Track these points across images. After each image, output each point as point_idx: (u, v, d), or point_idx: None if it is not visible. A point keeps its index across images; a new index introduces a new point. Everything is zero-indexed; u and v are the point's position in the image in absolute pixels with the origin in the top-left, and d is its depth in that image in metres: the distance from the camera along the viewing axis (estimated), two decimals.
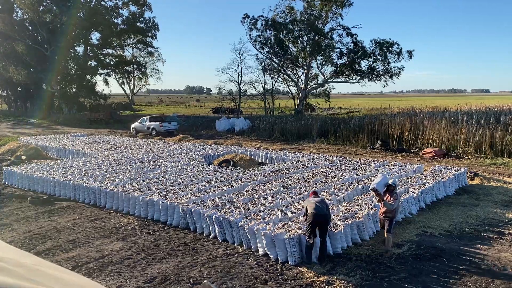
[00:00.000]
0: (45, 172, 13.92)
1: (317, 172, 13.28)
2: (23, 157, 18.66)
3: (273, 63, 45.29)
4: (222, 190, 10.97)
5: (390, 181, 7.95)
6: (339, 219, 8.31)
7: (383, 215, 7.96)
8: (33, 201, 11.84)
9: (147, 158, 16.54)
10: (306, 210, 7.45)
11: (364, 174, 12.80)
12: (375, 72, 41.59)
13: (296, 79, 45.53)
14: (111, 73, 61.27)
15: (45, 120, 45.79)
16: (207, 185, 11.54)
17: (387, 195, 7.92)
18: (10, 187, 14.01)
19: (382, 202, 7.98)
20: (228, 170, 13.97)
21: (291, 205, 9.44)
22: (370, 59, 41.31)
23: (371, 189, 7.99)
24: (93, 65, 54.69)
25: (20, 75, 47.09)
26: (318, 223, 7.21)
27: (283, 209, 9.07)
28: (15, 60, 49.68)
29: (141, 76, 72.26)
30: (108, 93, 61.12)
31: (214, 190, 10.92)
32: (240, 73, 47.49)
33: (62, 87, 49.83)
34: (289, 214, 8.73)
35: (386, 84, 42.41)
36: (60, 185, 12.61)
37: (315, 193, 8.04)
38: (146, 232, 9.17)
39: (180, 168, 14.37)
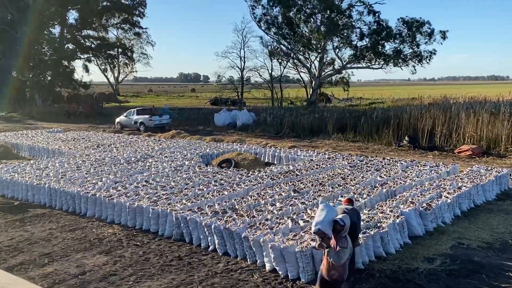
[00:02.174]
0: (15, 174, 14.00)
1: (333, 174, 13.25)
2: None
3: (282, 46, 45.25)
4: (222, 195, 10.98)
5: (339, 216, 6.54)
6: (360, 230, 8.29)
7: (328, 272, 6.29)
8: (2, 208, 11.89)
9: (135, 158, 16.60)
10: None
11: (389, 176, 12.76)
12: (401, 56, 41.40)
13: (308, 65, 45.47)
14: (92, 58, 61.54)
15: (16, 113, 46.03)
16: (204, 189, 11.55)
17: (333, 239, 6.38)
18: None
19: (325, 251, 6.39)
20: (229, 172, 13.98)
21: (303, 212, 9.43)
22: (396, 41, 41.12)
23: (314, 232, 6.51)
24: (70, 48, 54.88)
25: None
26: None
27: (294, 217, 9.06)
28: None
29: (127, 61, 72.75)
30: (88, 82, 61.37)
31: (213, 195, 10.93)
32: (243, 58, 47.33)
33: (35, 74, 50.09)
34: (301, 223, 8.72)
35: (415, 70, 42.26)
36: (34, 189, 12.69)
37: (350, 201, 7.98)
38: (134, 244, 9.21)
39: (173, 169, 14.41)
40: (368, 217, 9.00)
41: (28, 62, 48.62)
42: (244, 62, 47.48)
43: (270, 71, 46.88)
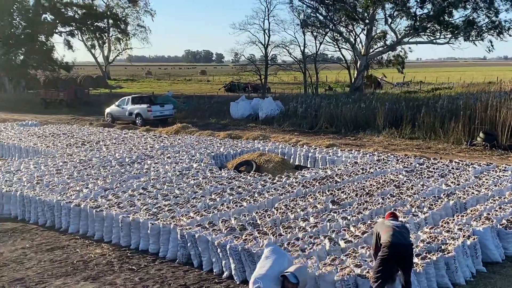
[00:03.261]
0: None
1: (384, 181, 13.16)
2: None
3: (318, 15, 45.04)
4: (240, 206, 11.01)
5: (290, 269, 6.40)
6: (418, 254, 8.23)
7: None
8: None
9: (130, 159, 16.78)
10: (378, 237, 7.38)
11: (458, 185, 12.61)
12: (475, 27, 40.77)
13: (352, 40, 45.14)
14: (76, 32, 62.23)
15: None
16: (218, 200, 11.61)
17: None
18: None
19: None
20: (249, 177, 14.02)
21: (344, 230, 9.41)
22: (467, 7, 40.53)
23: None
24: (49, 19, 55.51)
25: None
26: (397, 257, 7.09)
27: (333, 236, 9.05)
28: None
29: (119, 36, 73.11)
30: (71, 62, 62.19)
31: (228, 207, 10.99)
32: (267, 31, 47.26)
33: (4, 53, 50.87)
34: (342, 244, 8.69)
35: (492, 46, 41.48)
36: (2, 198, 12.93)
37: (394, 215, 7.94)
38: (128, 269, 9.32)
39: (178, 173, 14.52)
40: (430, 237, 8.91)
41: None
42: (269, 37, 47.34)
43: (302, 48, 46.74)
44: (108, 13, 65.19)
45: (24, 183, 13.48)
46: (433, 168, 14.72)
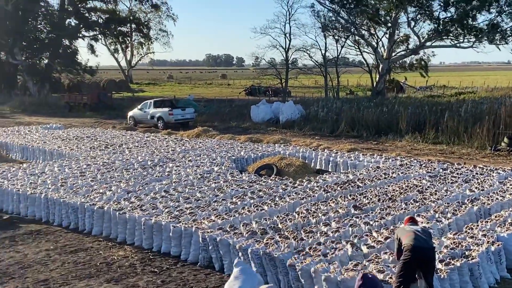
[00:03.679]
0: (5, 181, 14.51)
1: (407, 186, 13.06)
2: None
3: (339, 18, 44.91)
4: (261, 210, 11.01)
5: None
6: (442, 260, 8.16)
7: None
8: None
9: (152, 162, 16.88)
10: (400, 242, 7.33)
11: (482, 190, 12.47)
12: (499, 30, 40.32)
13: (374, 43, 44.95)
14: (99, 36, 62.88)
15: (4, 105, 47.47)
16: (239, 203, 11.62)
17: None
18: None
19: None
20: (270, 181, 14.01)
21: (367, 235, 9.35)
22: (492, 10, 40.11)
23: None
24: (73, 24, 56.19)
25: None
26: (420, 262, 7.03)
27: (355, 241, 9.00)
28: None
29: (142, 40, 73.83)
30: (95, 66, 62.74)
31: (249, 211, 10.99)
32: (288, 35, 47.29)
33: (28, 57, 51.53)
34: (364, 249, 8.65)
35: None
36: (27, 200, 13.09)
37: (413, 220, 7.88)
38: (150, 271, 9.37)
39: (200, 176, 14.57)
40: (454, 243, 8.84)
41: (20, 42, 49.88)
42: (290, 40, 47.46)
43: (323, 52, 46.67)
44: (131, 17, 65.80)
45: (49, 186, 13.63)
46: (457, 174, 14.59)
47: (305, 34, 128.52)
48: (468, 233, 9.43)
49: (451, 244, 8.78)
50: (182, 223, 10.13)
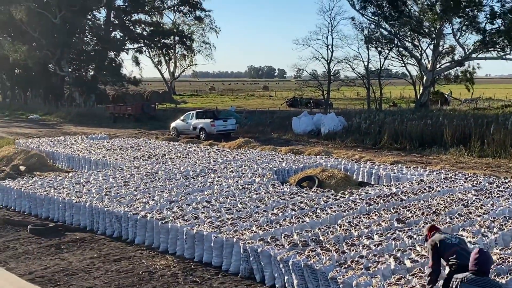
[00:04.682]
0: (51, 189, 14.83)
1: (452, 200, 12.81)
2: (22, 168, 19.98)
3: (382, 30, 44.64)
4: (302, 222, 10.96)
5: None
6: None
7: None
8: (35, 230, 12.61)
9: (194, 172, 17.02)
10: (436, 250, 7.24)
11: None
12: None
13: (418, 55, 44.48)
14: (144, 48, 64.00)
15: (52, 115, 48.70)
16: (280, 214, 11.59)
17: None
18: (4, 210, 15.12)
19: None
20: (311, 193, 13.94)
21: (410, 249, 9.20)
22: None
23: None
24: (118, 37, 57.43)
25: (18, 52, 50.03)
26: (450, 253, 7.07)
27: (398, 255, 8.87)
28: (13, 31, 53.05)
29: (185, 52, 74.74)
30: (139, 78, 63.67)
31: (290, 222, 10.95)
32: (330, 47, 47.24)
33: (75, 68, 52.81)
34: (408, 264, 8.50)
35: None
36: (72, 209, 13.36)
37: (435, 228, 7.83)
38: (192, 281, 9.42)
39: (241, 187, 14.60)
40: (500, 258, 8.61)
41: (68, 54, 51.11)
42: (332, 52, 47.48)
43: (366, 63, 46.43)
44: (175, 30, 66.72)
45: (93, 195, 13.88)
46: (504, 188, 14.22)
47: (347, 46, 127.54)
48: None
49: (497, 259, 8.55)
50: (224, 234, 10.16)
